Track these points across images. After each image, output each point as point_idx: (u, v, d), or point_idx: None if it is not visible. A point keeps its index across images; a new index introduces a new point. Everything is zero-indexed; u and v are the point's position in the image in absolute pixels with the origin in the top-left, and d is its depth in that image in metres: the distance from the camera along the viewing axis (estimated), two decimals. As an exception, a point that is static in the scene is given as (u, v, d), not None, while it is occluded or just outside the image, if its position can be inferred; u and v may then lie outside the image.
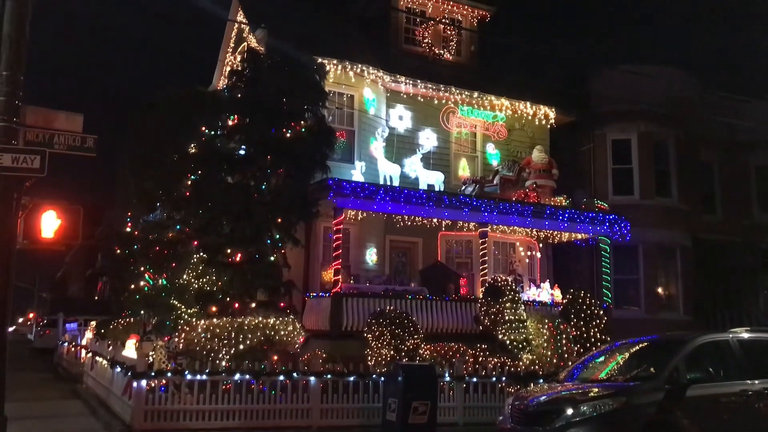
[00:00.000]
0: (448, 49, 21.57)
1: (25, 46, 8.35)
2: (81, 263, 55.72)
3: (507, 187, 19.46)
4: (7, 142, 8.21)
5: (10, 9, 8.26)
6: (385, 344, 14.09)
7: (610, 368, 9.90)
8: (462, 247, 19.85)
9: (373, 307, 15.40)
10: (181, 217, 15.39)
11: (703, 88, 23.76)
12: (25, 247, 8.85)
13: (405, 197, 16.41)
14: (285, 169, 14.97)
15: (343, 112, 18.79)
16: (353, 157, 18.63)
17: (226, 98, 15.80)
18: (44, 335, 33.61)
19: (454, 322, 16.50)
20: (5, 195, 8.24)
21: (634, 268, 21.82)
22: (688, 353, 8.85)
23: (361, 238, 18.30)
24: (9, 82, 8.21)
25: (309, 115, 15.33)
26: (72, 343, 23.85)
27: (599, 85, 22.54)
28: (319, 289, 16.83)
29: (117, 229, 19.02)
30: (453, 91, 20.19)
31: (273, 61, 15.34)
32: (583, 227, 19.11)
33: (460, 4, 21.88)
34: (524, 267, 20.38)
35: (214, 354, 12.39)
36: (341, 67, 18.22)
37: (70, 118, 8.89)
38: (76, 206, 9.04)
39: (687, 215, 22.81)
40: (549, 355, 15.22)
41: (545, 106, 21.64)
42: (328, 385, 12.25)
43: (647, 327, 18.21)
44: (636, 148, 22.41)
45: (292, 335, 13.31)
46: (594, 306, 16.45)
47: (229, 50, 22.39)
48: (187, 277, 15.10)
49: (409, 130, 20.06)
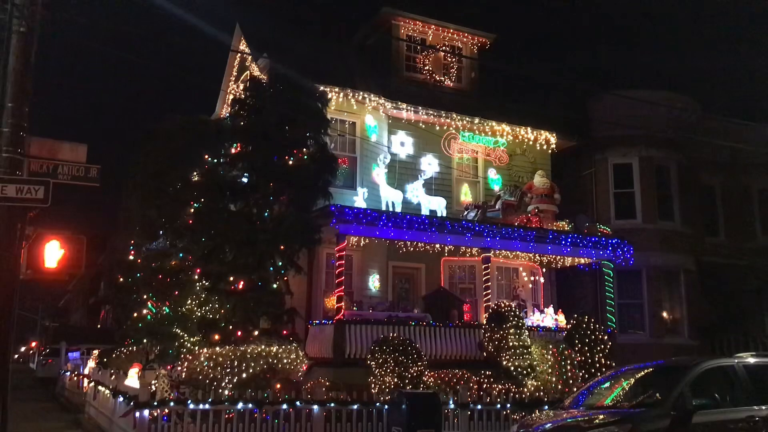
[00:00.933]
0: (449, 76, 21.75)
1: (30, 79, 8.45)
2: (84, 291, 55.68)
3: (509, 212, 19.48)
4: (12, 173, 8.28)
5: (16, 42, 8.38)
6: (389, 372, 14.00)
7: (615, 394, 9.81)
8: (465, 272, 19.82)
9: (376, 334, 15.34)
10: (184, 245, 15.41)
11: (704, 112, 23.89)
12: (28, 277, 8.88)
13: (407, 223, 16.43)
14: (287, 197, 15.02)
15: (345, 139, 18.91)
16: (355, 183, 18.70)
17: (228, 126, 15.91)
18: (46, 364, 33.42)
19: (458, 348, 16.41)
20: (9, 225, 8.28)
21: (637, 293, 21.75)
22: (693, 379, 8.78)
23: (363, 264, 18.29)
24: (14, 114, 8.30)
25: (311, 143, 15.42)
26: (74, 373, 23.74)
27: (600, 110, 22.69)
28: (321, 316, 16.78)
29: (120, 257, 19.04)
30: (454, 117, 20.32)
31: (275, 90, 15.48)
32: (586, 252, 19.09)
33: (461, 32, 22.10)
34: (528, 292, 20.32)
35: (217, 383, 12.32)
36: (343, 94, 18.37)
37: (74, 149, 8.97)
38: (80, 236, 9.09)
39: (690, 238, 22.78)
40: (554, 381, 15.12)
41: (546, 131, 21.75)
42: (331, 414, 12.15)
43: (652, 352, 18.12)
44: (637, 173, 22.46)
45: (295, 363, 13.25)
46: (598, 331, 16.38)
47: (232, 79, 22.60)
48: (190, 305, 15.09)
49: (410, 156, 20.16)
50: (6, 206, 8.19)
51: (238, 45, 21.02)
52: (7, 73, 8.34)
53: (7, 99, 8.31)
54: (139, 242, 17.36)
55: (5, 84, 8.34)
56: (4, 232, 8.25)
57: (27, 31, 8.42)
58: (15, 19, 8.34)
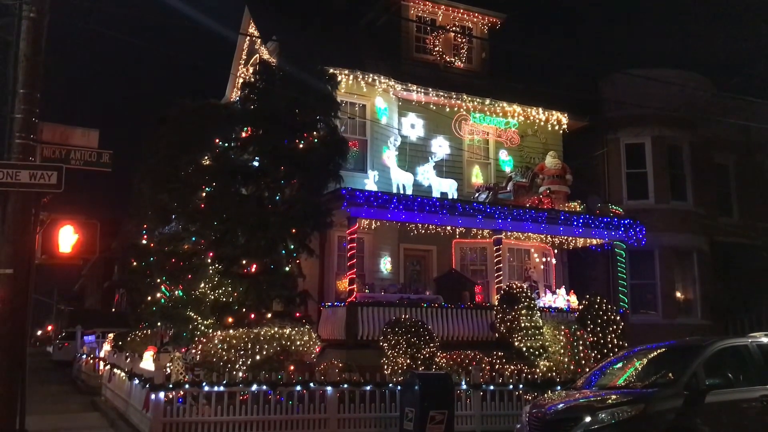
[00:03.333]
0: (459, 57, 21.61)
1: (41, 65, 8.49)
2: (98, 276, 56.19)
3: (521, 193, 19.42)
4: (25, 159, 8.35)
5: (26, 28, 8.40)
6: (401, 353, 14.07)
7: (628, 375, 9.83)
8: (476, 254, 19.81)
9: (388, 315, 15.40)
10: (197, 229, 15.48)
11: (717, 91, 23.62)
12: (43, 261, 8.99)
13: (418, 205, 16.41)
14: (298, 180, 15.03)
15: (355, 122, 18.86)
16: (366, 166, 18.69)
17: (239, 110, 15.90)
18: (63, 348, 33.87)
19: (470, 329, 16.45)
20: (23, 211, 8.38)
21: (650, 273, 21.67)
22: (706, 359, 8.78)
23: (375, 246, 18.32)
24: (26, 100, 8.35)
25: (321, 126, 15.39)
26: (90, 356, 24.04)
27: (612, 89, 22.47)
28: (334, 299, 16.85)
29: (133, 242, 19.15)
30: (465, 98, 20.20)
31: (285, 73, 15.43)
32: (598, 232, 19.02)
33: (471, 12, 21.91)
34: (539, 273, 20.30)
35: (231, 365, 12.44)
36: (353, 77, 18.30)
37: (86, 134, 9.03)
38: (93, 221, 9.17)
39: (703, 218, 22.63)
40: (566, 362, 15.16)
41: (558, 112, 21.59)
42: (344, 395, 12.24)
43: (665, 332, 18.08)
44: (650, 152, 22.28)
45: (308, 345, 13.33)
46: (610, 311, 16.36)
47: (242, 62, 22.55)
48: (203, 288, 15.19)
49: (421, 138, 20.09)
50: (20, 192, 8.28)
51: (247, 28, 20.95)
52: (18, 59, 8.38)
53: (19, 85, 8.37)
54: (151, 226, 17.45)
55: (16, 70, 8.39)
56: (19, 217, 8.34)
57: (37, 17, 8.45)
58: (25, 5, 8.36)
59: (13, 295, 8.23)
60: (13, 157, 8.34)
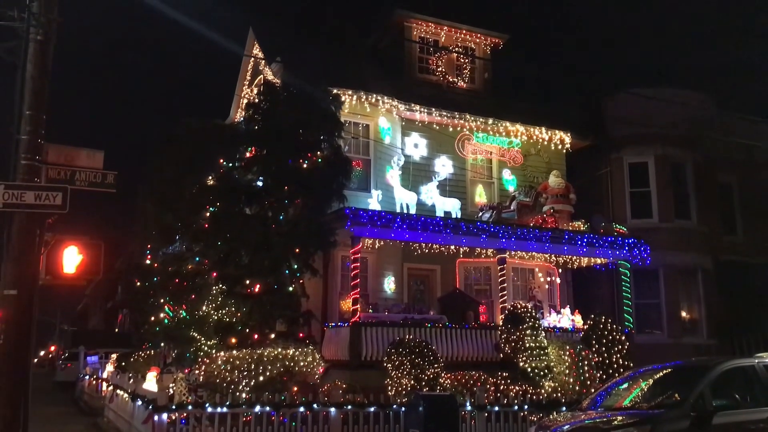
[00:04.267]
0: (462, 77, 21.74)
1: (47, 86, 8.55)
2: (101, 296, 56.11)
3: (524, 212, 19.41)
4: (30, 180, 8.38)
5: (33, 50, 8.47)
6: (405, 374, 13.99)
7: (633, 395, 9.74)
8: (480, 273, 19.77)
9: (392, 336, 15.34)
10: (200, 249, 15.49)
11: (720, 110, 23.67)
12: (47, 282, 8.98)
13: (422, 225, 16.41)
14: (302, 200, 15.06)
15: (358, 142, 18.94)
16: (370, 185, 18.73)
17: (243, 130, 15.98)
18: (65, 368, 33.75)
19: (475, 350, 16.37)
20: (28, 232, 8.38)
21: (655, 292, 21.58)
22: (713, 379, 8.69)
23: (378, 266, 18.30)
24: (32, 122, 8.40)
25: (325, 146, 15.46)
26: (93, 377, 23.95)
27: (614, 108, 22.54)
28: (337, 319, 16.80)
29: (137, 262, 19.16)
30: (467, 118, 20.29)
31: (289, 93, 15.54)
32: (603, 252, 18.97)
33: (473, 33, 22.08)
34: (544, 293, 20.23)
35: (234, 386, 12.37)
36: (356, 97, 18.40)
37: (91, 155, 9.06)
38: (97, 241, 9.17)
39: (707, 237, 22.58)
40: (571, 383, 15.04)
41: (560, 131, 21.65)
42: (348, 416, 12.15)
43: (670, 352, 17.95)
44: (653, 171, 22.29)
45: (311, 366, 13.27)
46: (615, 331, 16.27)
47: (246, 83, 22.71)
48: (207, 308, 15.16)
49: (424, 158, 20.15)
50: (25, 213, 8.29)
51: (251, 50, 21.12)
52: (25, 80, 8.44)
53: (25, 107, 8.42)
54: (155, 246, 17.47)
55: (23, 92, 8.45)
56: (24, 238, 8.35)
57: (44, 40, 8.52)
58: (32, 28, 8.44)
59: (17, 316, 8.22)
60: (19, 178, 8.37)
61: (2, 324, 8.23)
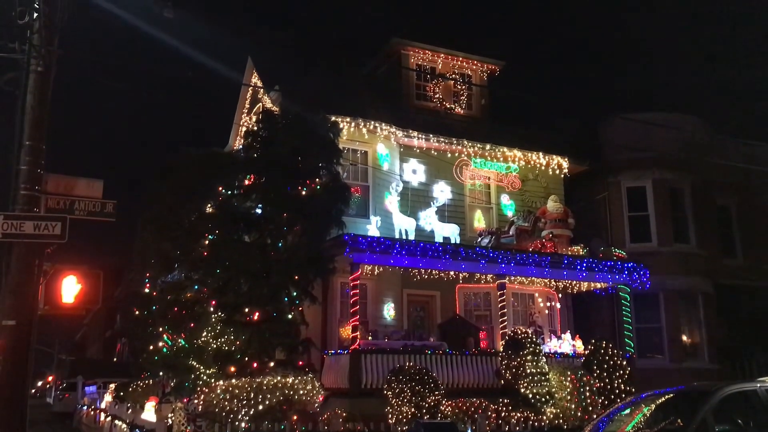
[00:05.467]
0: (459, 103, 21.90)
1: (47, 117, 8.61)
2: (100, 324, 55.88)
3: (523, 237, 19.41)
4: (29, 210, 8.41)
5: (33, 81, 8.56)
6: (406, 401, 13.89)
7: (636, 421, 9.66)
8: (480, 299, 19.71)
9: (392, 363, 15.24)
10: (199, 277, 15.45)
11: (716, 133, 23.82)
12: (46, 312, 8.96)
13: (421, 251, 16.40)
14: (301, 227, 15.06)
15: (357, 168, 19.01)
16: (368, 212, 18.75)
17: (242, 158, 16.05)
18: (63, 399, 33.49)
19: (475, 376, 16.27)
20: (27, 262, 8.39)
21: (655, 317, 21.51)
22: (715, 404, 8.63)
23: (378, 292, 18.26)
24: (31, 152, 8.45)
25: (324, 173, 15.51)
26: (91, 407, 23.77)
27: (611, 133, 22.67)
28: (337, 346, 16.71)
29: (135, 290, 19.10)
30: (465, 144, 20.40)
31: (287, 121, 15.63)
32: (602, 276, 18.95)
33: (470, 60, 22.28)
34: (544, 318, 20.15)
35: (234, 415, 12.28)
36: (354, 124, 18.51)
37: (90, 185, 9.10)
38: (96, 271, 9.17)
39: (707, 261, 22.57)
40: (573, 409, 14.93)
41: (558, 156, 21.75)
42: (348, 445, 12.06)
43: (672, 376, 17.88)
44: (651, 195, 22.36)
45: (311, 394, 13.18)
46: (617, 356, 16.18)
47: (245, 111, 22.86)
48: (206, 337, 15.08)
49: (423, 184, 20.21)
50: (24, 243, 8.30)
51: (249, 78, 21.29)
52: (25, 111, 8.51)
53: (25, 137, 8.48)
54: (154, 275, 17.43)
55: (23, 122, 8.51)
56: (22, 268, 8.35)
57: (44, 71, 8.61)
58: (33, 59, 8.53)
59: (15, 346, 8.19)
60: (18, 208, 8.39)
61: (0, 354, 8.19)
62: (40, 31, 8.58)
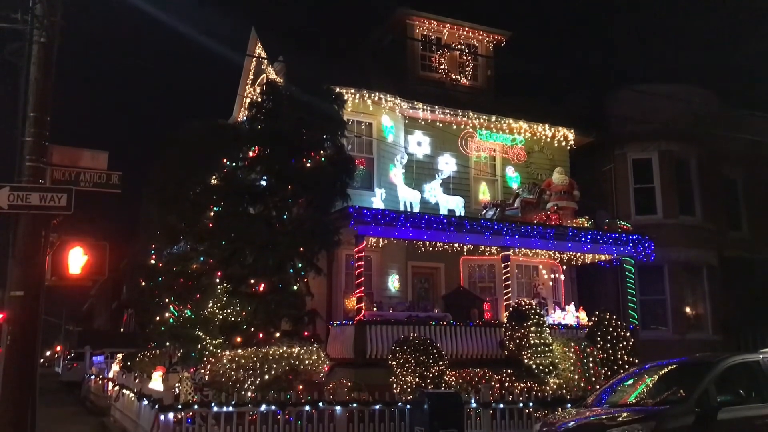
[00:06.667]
0: (465, 75, 21.73)
1: (51, 88, 8.59)
2: (106, 296, 56.29)
3: (528, 209, 19.40)
4: (35, 182, 8.43)
5: (36, 52, 8.52)
6: (410, 371, 14.02)
7: (638, 392, 9.76)
8: (485, 271, 19.77)
9: (397, 334, 15.37)
10: (205, 249, 15.52)
11: (724, 105, 23.62)
12: (53, 283, 9.03)
13: (426, 223, 16.42)
14: (306, 199, 15.08)
15: (362, 140, 18.95)
16: (373, 184, 18.74)
17: (246, 130, 16.01)
18: (72, 368, 33.91)
19: (479, 347, 16.39)
20: (34, 233, 8.43)
21: (660, 288, 21.56)
22: (718, 375, 8.70)
23: (383, 264, 18.32)
24: (36, 124, 8.44)
25: (328, 145, 15.47)
26: (99, 376, 24.04)
27: (618, 105, 22.50)
28: (342, 317, 16.83)
29: (141, 262, 19.20)
30: (471, 115, 20.28)
31: (291, 93, 15.55)
32: (607, 248, 18.96)
33: (476, 30, 22.05)
34: (548, 290, 20.22)
35: (240, 385, 12.42)
36: (359, 96, 18.40)
37: (95, 156, 9.11)
38: (102, 242, 9.22)
39: (712, 233, 22.54)
40: (576, 379, 15.06)
41: (564, 128, 21.62)
42: (353, 414, 12.19)
43: (675, 348, 17.96)
44: (657, 167, 22.27)
45: (316, 364, 13.30)
46: (620, 328, 16.27)
47: (249, 82, 22.73)
48: (212, 308, 15.20)
49: (427, 156, 20.15)
50: (30, 214, 8.33)
51: (253, 49, 21.14)
52: (29, 83, 8.49)
53: (29, 108, 8.46)
54: (160, 247, 17.51)
55: (27, 94, 8.49)
56: (29, 239, 8.40)
57: (47, 42, 8.57)
58: (35, 30, 8.49)
59: (23, 317, 8.28)
60: (24, 179, 8.42)
61: (9, 325, 8.29)
62: (43, 2, 8.52)
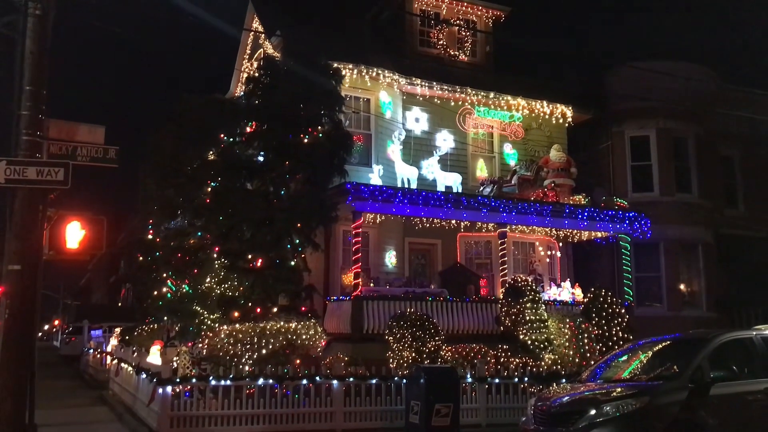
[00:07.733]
0: (463, 51, 21.59)
1: (46, 62, 8.52)
2: (104, 270, 56.41)
3: (525, 186, 19.41)
4: (32, 156, 8.40)
5: (32, 25, 8.44)
6: (407, 346, 14.13)
7: (632, 367, 9.85)
8: (481, 247, 19.83)
9: (394, 309, 15.45)
10: (202, 224, 15.52)
11: (723, 83, 23.54)
12: (50, 258, 9.04)
13: (423, 199, 16.43)
14: (303, 175, 15.07)
15: (359, 116, 18.87)
16: (371, 160, 18.70)
17: (243, 105, 15.93)
18: (70, 342, 34.08)
19: (475, 323, 16.49)
20: (31, 207, 8.42)
21: (655, 266, 21.67)
22: (711, 351, 8.80)
23: (380, 240, 18.36)
24: (32, 97, 8.39)
25: (326, 120, 15.42)
26: (97, 350, 24.19)
27: (616, 82, 22.42)
28: (339, 293, 16.91)
29: (139, 237, 19.22)
30: (469, 92, 20.19)
31: (289, 68, 15.45)
32: (603, 225, 19.01)
33: (474, 5, 21.88)
34: (544, 266, 20.31)
35: (237, 359, 12.51)
36: (357, 71, 18.28)
37: (92, 130, 9.06)
38: (100, 217, 9.22)
39: (708, 211, 22.60)
40: (571, 355, 15.18)
41: (562, 105, 21.55)
42: (350, 389, 12.32)
43: (670, 324, 18.08)
44: (655, 145, 22.26)
45: (313, 339, 13.40)
46: (616, 304, 16.37)
47: (246, 57, 22.57)
48: (209, 283, 15.25)
49: (425, 132, 20.10)
50: (27, 188, 8.32)
51: (251, 23, 20.96)
52: (24, 56, 8.42)
53: (25, 82, 8.41)
54: (157, 222, 17.51)
55: (23, 67, 8.43)
56: (26, 214, 8.39)
57: (42, 14, 8.49)
58: (30, 3, 8.40)
59: (21, 291, 8.30)
60: (20, 153, 8.39)
61: (7, 299, 8.32)
62: (38, -27, 8.43)
